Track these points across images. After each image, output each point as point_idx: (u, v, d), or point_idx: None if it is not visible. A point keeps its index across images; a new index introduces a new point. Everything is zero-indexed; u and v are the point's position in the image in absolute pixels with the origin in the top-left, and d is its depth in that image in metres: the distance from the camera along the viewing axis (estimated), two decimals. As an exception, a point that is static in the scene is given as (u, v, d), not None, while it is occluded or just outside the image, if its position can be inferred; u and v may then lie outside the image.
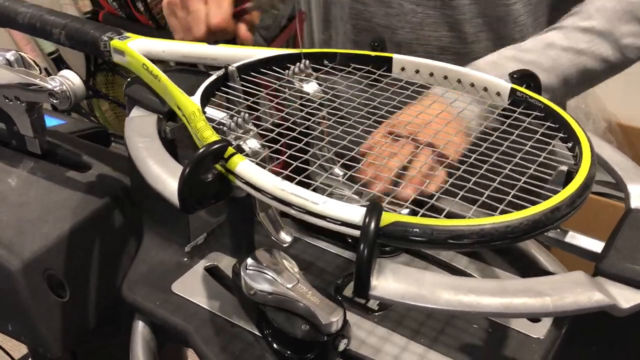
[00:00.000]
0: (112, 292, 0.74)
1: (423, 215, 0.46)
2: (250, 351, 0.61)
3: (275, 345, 0.60)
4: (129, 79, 0.70)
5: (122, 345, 0.67)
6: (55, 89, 0.68)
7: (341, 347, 0.59)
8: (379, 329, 0.64)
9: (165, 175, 0.54)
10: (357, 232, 0.44)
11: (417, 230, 0.43)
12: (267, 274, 0.60)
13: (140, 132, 0.61)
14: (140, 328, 0.67)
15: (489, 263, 0.72)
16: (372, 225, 0.43)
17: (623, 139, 1.90)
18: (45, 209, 0.71)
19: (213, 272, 0.71)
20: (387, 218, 0.44)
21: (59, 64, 2.28)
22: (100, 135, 0.96)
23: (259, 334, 0.62)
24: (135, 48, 0.68)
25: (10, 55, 0.72)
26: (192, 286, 0.69)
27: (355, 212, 0.44)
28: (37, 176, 0.76)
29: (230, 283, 0.68)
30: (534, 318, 0.64)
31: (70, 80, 0.68)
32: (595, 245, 0.50)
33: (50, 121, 0.88)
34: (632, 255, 0.46)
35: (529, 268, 0.70)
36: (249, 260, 0.61)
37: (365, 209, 0.44)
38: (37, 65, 0.74)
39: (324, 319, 0.57)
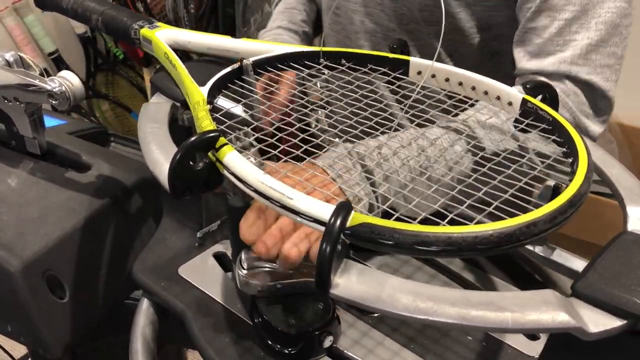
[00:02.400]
0: (112, 292, 0.75)
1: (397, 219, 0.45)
2: (242, 341, 0.62)
3: (263, 336, 0.61)
4: (157, 67, 0.73)
5: (122, 345, 0.68)
6: (54, 90, 0.68)
7: (326, 343, 0.59)
8: (373, 332, 0.64)
9: (162, 160, 0.56)
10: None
11: (384, 233, 0.43)
12: (262, 267, 0.61)
13: (152, 118, 0.63)
14: (144, 307, 0.70)
15: (497, 276, 0.70)
16: (337, 224, 0.43)
17: (623, 139, 1.82)
18: (45, 210, 0.71)
19: (221, 259, 0.73)
20: (356, 218, 0.44)
21: (59, 64, 2.30)
22: (100, 135, 0.96)
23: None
24: (162, 37, 0.71)
25: (9, 56, 0.73)
26: (198, 271, 0.71)
27: (324, 210, 0.45)
28: (37, 177, 0.76)
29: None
30: (532, 335, 0.63)
31: (69, 81, 0.68)
32: (579, 265, 0.48)
33: (50, 121, 0.88)
34: (611, 278, 0.44)
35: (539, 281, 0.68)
36: (247, 251, 0.63)
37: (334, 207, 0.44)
38: (37, 66, 0.74)
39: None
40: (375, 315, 0.65)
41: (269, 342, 0.60)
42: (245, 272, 0.61)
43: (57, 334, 0.67)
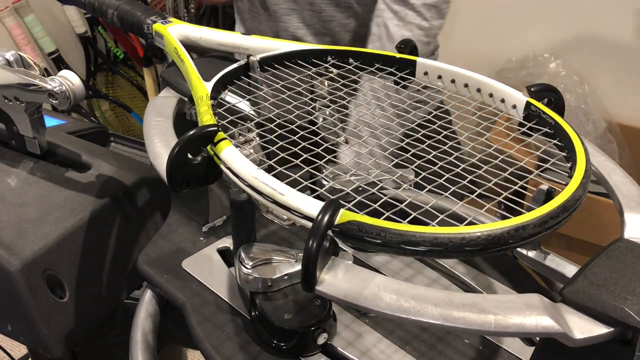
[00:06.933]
0: (112, 292, 0.75)
1: (388, 218, 0.45)
2: (240, 336, 0.63)
3: (259, 330, 0.61)
4: (168, 62, 0.74)
5: (122, 345, 0.68)
6: (54, 89, 0.68)
7: (320, 340, 0.60)
8: (370, 333, 0.64)
9: (163, 153, 0.57)
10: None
11: (371, 231, 0.43)
12: (261, 263, 0.62)
13: (158, 112, 0.64)
14: (147, 299, 0.71)
15: (502, 282, 0.70)
16: (324, 221, 0.43)
17: (623, 139, 1.81)
18: (45, 209, 0.71)
19: (225, 254, 0.74)
20: (345, 216, 0.44)
21: (59, 64, 2.32)
22: (100, 135, 0.96)
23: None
24: (173, 33, 0.72)
25: (10, 56, 0.73)
26: (201, 265, 0.71)
27: (313, 206, 0.45)
28: (37, 176, 0.76)
29: (235, 266, 0.70)
30: (530, 340, 0.62)
31: (69, 80, 0.68)
32: (571, 270, 0.48)
33: (50, 121, 0.88)
34: (601, 285, 0.43)
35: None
36: (246, 247, 0.63)
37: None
38: (37, 66, 0.74)
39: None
40: (373, 315, 0.65)
41: (265, 337, 0.61)
42: (244, 267, 0.61)
43: (57, 334, 0.67)
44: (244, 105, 0.64)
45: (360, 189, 0.52)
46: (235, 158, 0.50)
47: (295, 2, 1.07)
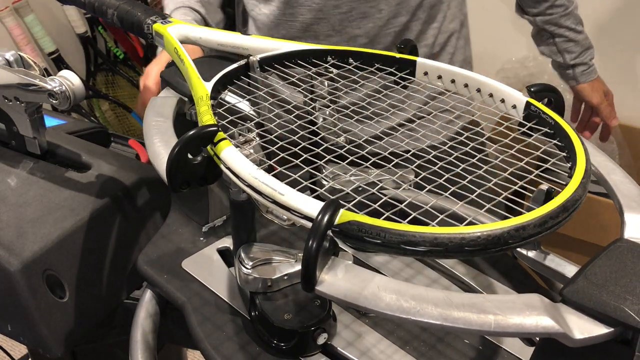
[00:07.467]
0: (112, 291, 0.75)
1: (388, 218, 0.45)
2: (240, 336, 0.63)
3: (259, 330, 0.61)
4: (168, 62, 0.74)
5: (122, 345, 0.68)
6: (54, 90, 0.68)
7: (320, 340, 0.60)
8: (370, 333, 0.64)
9: (163, 153, 0.57)
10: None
11: (371, 231, 0.43)
12: (261, 263, 0.62)
13: (158, 112, 0.64)
14: (147, 299, 0.71)
15: (503, 283, 0.70)
16: (324, 221, 0.43)
17: (623, 139, 1.80)
18: (45, 209, 0.71)
19: (225, 254, 0.74)
20: (344, 216, 0.44)
21: (59, 64, 2.31)
22: (100, 135, 0.96)
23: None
24: (173, 33, 0.71)
25: (9, 56, 0.73)
26: (201, 265, 0.71)
27: (313, 206, 0.45)
28: (37, 176, 0.76)
29: (236, 266, 0.70)
30: (530, 340, 0.62)
31: (69, 80, 0.68)
32: (571, 270, 0.48)
33: (50, 121, 0.88)
34: (601, 285, 0.43)
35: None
36: (246, 247, 0.63)
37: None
38: (37, 66, 0.74)
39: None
40: (373, 315, 0.65)
41: (265, 337, 0.61)
42: (243, 267, 0.61)
43: (57, 334, 0.67)
44: (244, 105, 0.64)
45: (360, 189, 0.52)
46: (235, 158, 0.50)
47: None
